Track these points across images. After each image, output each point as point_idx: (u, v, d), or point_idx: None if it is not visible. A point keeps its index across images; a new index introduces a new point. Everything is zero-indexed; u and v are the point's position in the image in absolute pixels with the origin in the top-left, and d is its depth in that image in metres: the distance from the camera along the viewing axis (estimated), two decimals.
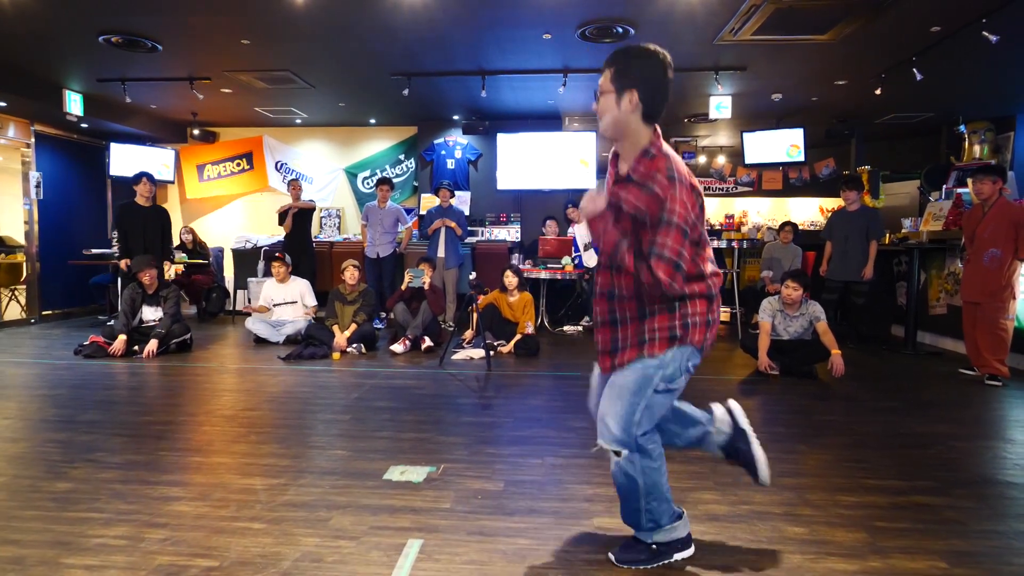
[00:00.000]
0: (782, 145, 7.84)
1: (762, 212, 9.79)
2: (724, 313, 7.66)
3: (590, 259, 7.07)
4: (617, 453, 1.80)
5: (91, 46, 5.39)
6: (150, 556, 1.94)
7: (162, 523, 2.16)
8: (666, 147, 1.77)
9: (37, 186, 7.37)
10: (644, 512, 1.87)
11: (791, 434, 3.28)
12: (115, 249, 5.99)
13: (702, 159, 9.42)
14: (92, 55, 5.69)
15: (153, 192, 6.12)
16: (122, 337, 5.27)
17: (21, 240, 7.62)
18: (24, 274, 7.60)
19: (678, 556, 1.93)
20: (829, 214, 7.18)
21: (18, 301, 7.62)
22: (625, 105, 1.74)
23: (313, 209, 7.49)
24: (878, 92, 6.13)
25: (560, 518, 2.23)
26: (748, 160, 8.16)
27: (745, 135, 8.05)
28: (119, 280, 6.20)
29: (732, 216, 9.29)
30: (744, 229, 8.40)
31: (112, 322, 5.58)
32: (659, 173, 1.69)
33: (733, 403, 2.13)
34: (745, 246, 7.03)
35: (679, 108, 7.54)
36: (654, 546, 1.91)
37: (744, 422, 2.09)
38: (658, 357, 1.78)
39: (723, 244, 6.93)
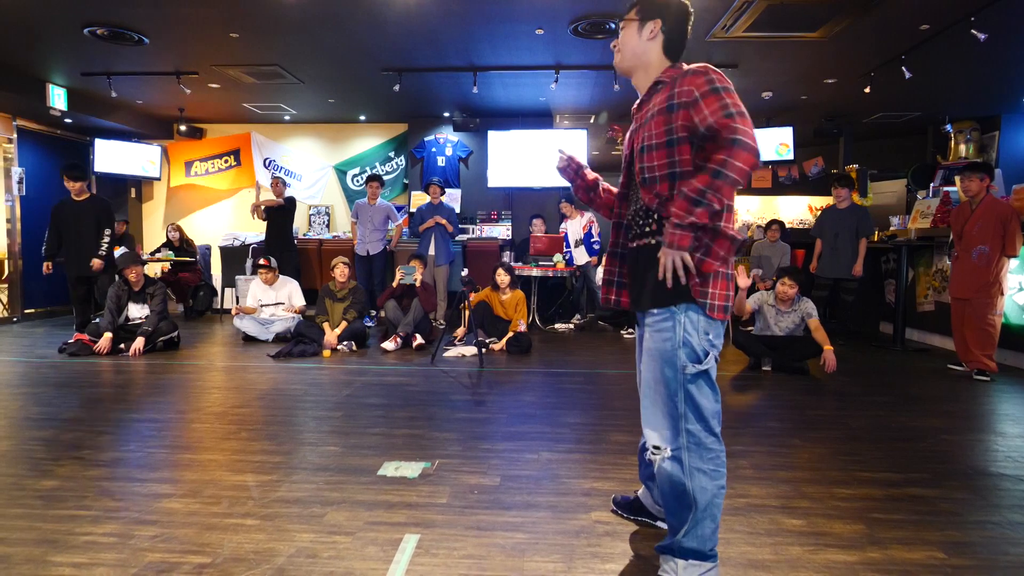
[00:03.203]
0: (771, 143, 7.88)
1: (751, 210, 9.84)
2: None
3: (581, 256, 7.08)
4: None
5: (75, 38, 5.30)
6: (140, 553, 1.89)
7: (152, 520, 2.11)
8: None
9: (19, 182, 7.24)
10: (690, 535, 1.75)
11: (784, 428, 3.28)
12: (43, 250, 5.79)
13: None
14: (76, 48, 5.59)
15: (82, 187, 5.88)
16: (108, 335, 5.18)
17: (2, 237, 7.47)
18: (6, 272, 7.46)
19: None
20: (818, 212, 7.23)
21: None
22: (646, 33, 1.75)
23: (291, 208, 7.30)
24: (867, 91, 6.18)
25: (557, 512, 2.21)
26: None
27: None
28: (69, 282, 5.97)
29: None
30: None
31: (98, 320, 5.48)
32: (676, 75, 1.70)
33: None
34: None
35: None
36: None
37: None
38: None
39: None
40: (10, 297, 7.39)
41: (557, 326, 7.03)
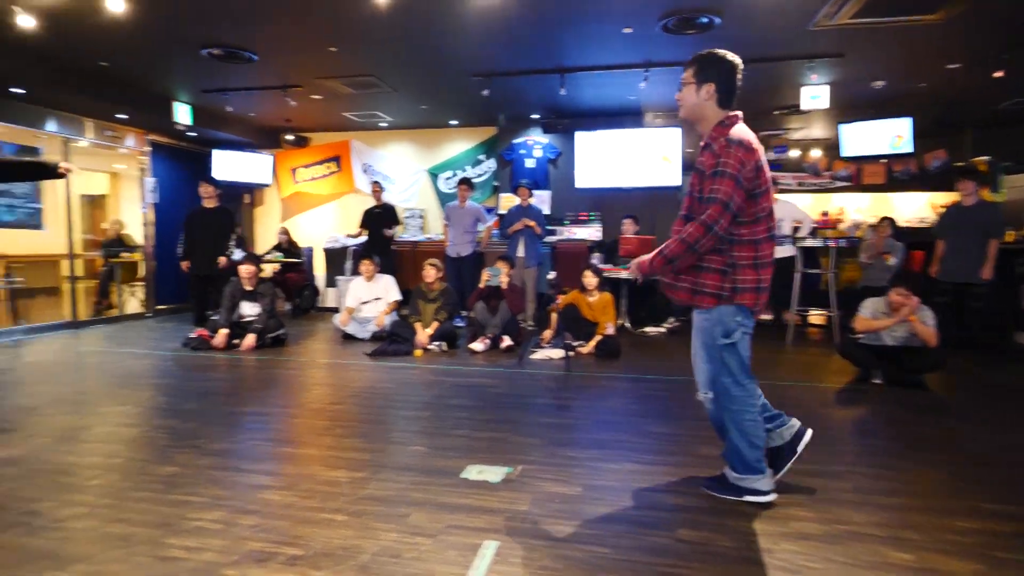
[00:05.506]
0: (885, 136, 7.28)
1: (861, 208, 9.12)
2: (820, 316, 7.23)
3: None
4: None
5: (195, 59, 5.80)
6: (242, 541, 2.04)
7: (253, 510, 2.28)
8: (739, 126, 2.22)
9: (153, 191, 8.03)
10: (732, 452, 2.33)
11: (893, 448, 3.03)
12: (179, 251, 6.65)
13: (794, 153, 8.89)
14: (196, 68, 6.12)
15: (213, 193, 6.58)
16: (223, 331, 5.64)
17: (140, 240, 8.31)
18: (143, 272, 8.30)
19: (749, 498, 2.31)
20: (942, 210, 6.59)
21: (137, 296, 8.34)
22: (703, 94, 2.25)
23: (390, 213, 7.69)
24: (998, 75, 5.56)
25: (639, 527, 2.16)
26: (845, 153, 7.64)
27: (842, 126, 7.54)
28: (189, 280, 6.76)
29: (827, 213, 8.72)
30: (841, 227, 7.87)
31: (215, 317, 5.98)
32: (721, 137, 2.20)
33: (807, 433, 2.44)
34: (843, 244, 6.51)
35: (768, 99, 7.17)
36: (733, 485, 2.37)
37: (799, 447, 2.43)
38: (709, 311, 2.26)
39: (818, 243, 6.46)
40: (145, 294, 8.21)
41: (647, 329, 6.87)
